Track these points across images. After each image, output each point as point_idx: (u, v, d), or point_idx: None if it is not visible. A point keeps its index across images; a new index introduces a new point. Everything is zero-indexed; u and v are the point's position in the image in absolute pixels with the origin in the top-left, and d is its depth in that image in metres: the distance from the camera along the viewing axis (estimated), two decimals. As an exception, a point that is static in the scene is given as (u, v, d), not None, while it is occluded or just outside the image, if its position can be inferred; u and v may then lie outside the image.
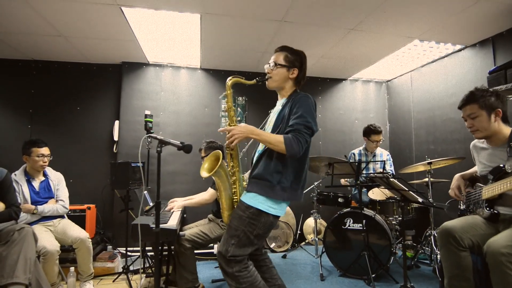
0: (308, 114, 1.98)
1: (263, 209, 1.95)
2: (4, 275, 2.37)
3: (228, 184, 2.10)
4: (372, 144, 4.28)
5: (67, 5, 3.15)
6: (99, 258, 3.79)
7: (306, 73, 2.24)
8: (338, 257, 3.60)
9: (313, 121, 1.99)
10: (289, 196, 2.01)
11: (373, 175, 3.54)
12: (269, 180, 1.97)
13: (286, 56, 2.17)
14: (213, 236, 3.12)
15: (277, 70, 2.15)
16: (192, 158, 4.60)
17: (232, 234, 1.97)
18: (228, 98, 2.16)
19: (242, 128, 1.97)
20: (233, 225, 1.99)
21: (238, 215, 1.99)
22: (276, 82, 2.17)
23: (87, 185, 4.58)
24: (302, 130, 1.93)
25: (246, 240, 1.97)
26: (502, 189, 2.06)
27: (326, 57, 4.58)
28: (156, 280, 2.34)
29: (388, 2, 3.07)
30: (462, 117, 2.36)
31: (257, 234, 1.98)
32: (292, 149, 1.89)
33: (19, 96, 4.59)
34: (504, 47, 3.63)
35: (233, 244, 1.95)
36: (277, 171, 1.98)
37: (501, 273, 1.81)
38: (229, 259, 1.93)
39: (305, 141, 1.93)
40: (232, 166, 2.12)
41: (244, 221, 1.95)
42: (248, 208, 1.96)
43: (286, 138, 1.90)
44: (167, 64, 4.95)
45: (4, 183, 2.72)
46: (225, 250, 1.95)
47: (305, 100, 2.04)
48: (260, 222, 1.96)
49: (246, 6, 3.18)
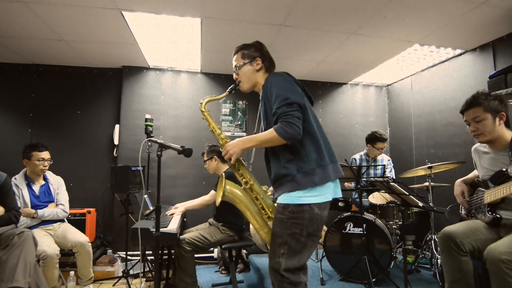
0: (282, 89, 1.81)
1: (301, 202, 1.73)
2: (4, 279, 2.36)
3: (248, 200, 1.93)
4: (376, 151, 4.25)
5: (68, 10, 3.16)
6: (99, 262, 3.78)
7: (271, 59, 2.12)
8: (339, 261, 3.59)
9: (291, 95, 1.78)
10: (321, 177, 1.76)
11: (373, 179, 3.53)
12: (286, 174, 1.78)
13: (243, 54, 2.09)
14: (213, 240, 3.12)
15: (241, 71, 2.08)
16: (192, 162, 4.60)
17: (279, 243, 1.74)
18: (208, 120, 2.14)
19: (235, 142, 1.87)
20: (276, 232, 1.77)
21: (279, 219, 1.78)
22: (247, 82, 2.09)
23: (87, 189, 4.57)
24: (286, 110, 1.72)
25: (297, 245, 1.72)
26: (504, 193, 2.06)
27: (326, 61, 4.58)
28: (156, 284, 2.33)
29: (388, 6, 3.08)
30: (465, 121, 2.34)
31: (307, 234, 1.74)
32: (288, 134, 1.70)
33: (19, 100, 4.59)
34: (504, 52, 3.64)
35: (283, 253, 1.71)
36: (289, 160, 1.79)
37: (501, 280, 1.80)
38: (282, 275, 1.67)
39: (295, 119, 1.71)
40: (245, 182, 1.95)
41: (287, 224, 1.73)
42: (285, 208, 1.75)
43: (277, 128, 1.72)
44: (168, 68, 4.96)
45: (4, 187, 2.72)
46: (276, 263, 1.70)
47: (274, 78, 1.90)
48: (305, 219, 1.72)
49: (246, 10, 3.20)
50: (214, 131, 2.11)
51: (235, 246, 3.22)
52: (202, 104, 2.13)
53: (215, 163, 3.42)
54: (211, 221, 3.41)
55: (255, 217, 1.91)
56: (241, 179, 1.97)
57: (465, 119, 2.34)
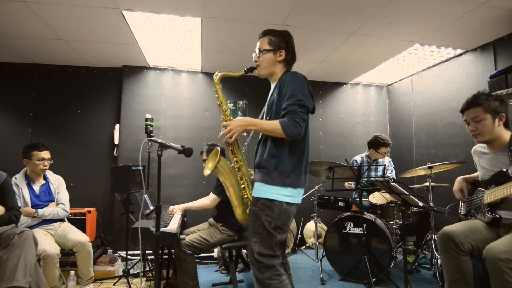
0: (299, 91, 1.90)
1: (271, 198, 1.88)
2: (4, 278, 2.36)
3: (233, 179, 2.07)
4: (379, 155, 4.21)
5: (68, 9, 3.16)
6: (100, 261, 3.79)
7: (295, 52, 2.17)
8: (339, 261, 3.60)
9: (305, 98, 1.90)
10: (292, 181, 1.91)
11: (374, 179, 3.53)
12: (265, 167, 1.92)
13: (270, 40, 2.11)
14: (213, 241, 3.11)
15: (263, 56, 2.11)
16: (192, 161, 4.60)
17: (252, 231, 1.93)
18: (218, 93, 2.17)
19: (239, 121, 1.94)
20: (250, 222, 1.96)
21: (252, 210, 1.95)
22: (265, 68, 2.12)
23: (87, 189, 4.57)
24: (297, 110, 1.84)
25: (267, 235, 1.89)
26: (504, 193, 2.06)
27: (326, 61, 4.58)
28: (156, 284, 2.33)
29: (389, 6, 3.08)
30: (465, 120, 2.34)
31: (275, 227, 1.89)
32: (290, 131, 1.81)
33: (20, 99, 4.60)
34: (505, 52, 3.63)
35: (256, 241, 1.89)
36: (272, 156, 1.92)
37: (501, 279, 1.81)
38: (258, 260, 1.86)
39: (302, 120, 1.84)
40: (235, 161, 2.08)
41: (258, 215, 1.90)
42: (258, 201, 1.92)
43: (282, 122, 1.83)
44: (168, 68, 4.96)
45: (4, 187, 2.73)
46: (251, 250, 1.91)
47: (293, 77, 1.96)
48: (274, 212, 1.89)
49: (247, 10, 3.20)
50: (221, 105, 2.15)
51: (235, 246, 3.22)
52: (217, 76, 2.17)
53: None
54: (210, 221, 3.41)
55: (236, 195, 2.08)
56: (232, 157, 2.09)
57: (464, 118, 2.34)
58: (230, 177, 2.07)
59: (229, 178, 2.06)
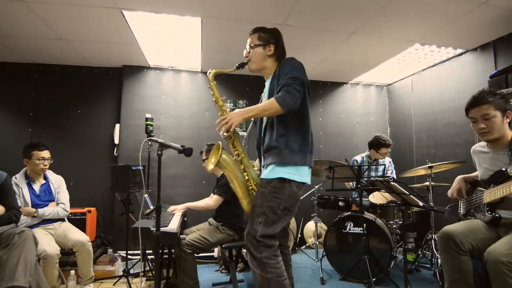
0: (294, 69, 1.98)
1: (283, 176, 1.92)
2: (4, 278, 2.36)
3: (237, 171, 2.09)
4: (380, 156, 4.20)
5: (68, 9, 3.16)
6: (100, 261, 3.78)
7: (284, 49, 2.24)
8: (339, 260, 3.59)
9: (300, 73, 1.97)
10: (301, 159, 1.97)
11: (374, 178, 3.53)
12: (276, 147, 1.97)
13: (259, 36, 2.19)
14: (213, 241, 3.11)
15: (253, 51, 2.18)
16: (192, 161, 4.60)
17: (258, 212, 1.92)
18: (212, 89, 2.26)
19: (237, 112, 1.96)
20: (257, 203, 1.95)
21: (261, 192, 1.97)
22: (255, 63, 2.20)
23: (87, 188, 4.57)
24: (291, 83, 1.91)
25: (274, 216, 1.92)
26: (504, 193, 2.05)
27: (327, 61, 4.58)
28: (156, 284, 2.33)
29: (389, 6, 3.07)
30: (471, 118, 2.26)
31: (283, 208, 1.93)
32: (285, 103, 1.85)
33: (20, 99, 4.60)
34: (505, 51, 3.63)
35: (261, 222, 1.90)
36: (280, 135, 1.98)
37: (502, 281, 1.79)
38: (258, 240, 1.87)
39: (296, 90, 1.89)
40: (237, 154, 2.12)
41: (268, 197, 1.92)
42: (268, 183, 1.94)
43: (277, 96, 1.88)
44: (168, 67, 4.96)
45: (4, 187, 2.72)
46: (253, 230, 1.90)
47: (289, 60, 2.07)
48: (284, 194, 1.93)
49: (247, 9, 3.20)
50: (217, 101, 2.20)
51: (235, 246, 3.22)
52: (211, 74, 2.27)
53: None
54: (210, 221, 3.41)
55: (241, 187, 2.09)
56: (233, 150, 2.12)
57: (471, 116, 2.26)
58: (233, 170, 2.08)
59: (233, 171, 2.08)
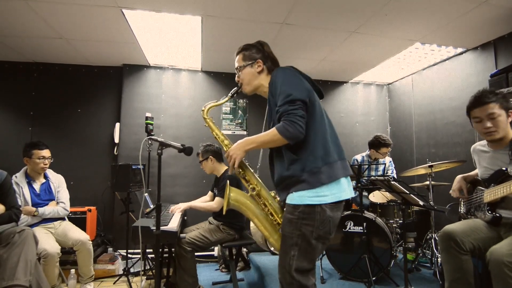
0: (285, 85, 1.72)
1: (312, 203, 1.63)
2: (4, 277, 2.37)
3: (255, 207, 1.86)
4: (380, 155, 4.21)
5: (68, 7, 3.16)
6: (100, 260, 3.79)
7: (274, 58, 2.02)
8: (339, 260, 3.59)
9: (294, 90, 1.69)
10: (329, 175, 1.66)
11: (374, 178, 3.53)
12: (290, 176, 1.70)
13: (243, 56, 2.01)
14: (213, 239, 3.12)
15: (242, 73, 1.99)
16: (193, 160, 4.59)
17: (290, 244, 1.66)
18: (210, 127, 2.08)
19: (236, 145, 1.79)
20: (286, 233, 1.69)
21: (288, 219, 1.68)
22: (248, 85, 1.99)
23: (87, 187, 4.58)
24: (289, 109, 1.64)
25: (308, 247, 1.65)
26: (504, 192, 2.05)
27: (327, 60, 4.58)
28: (156, 282, 2.34)
29: (390, 5, 3.07)
30: (475, 117, 2.23)
31: (318, 236, 1.65)
32: (289, 133, 1.62)
33: (20, 98, 4.60)
34: (506, 51, 3.63)
35: (294, 255, 1.64)
36: (293, 161, 1.69)
37: (504, 282, 1.80)
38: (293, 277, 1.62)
39: (298, 117, 1.63)
40: (252, 188, 1.88)
41: (297, 224, 1.65)
42: (296, 208, 1.66)
43: (279, 127, 1.65)
44: (168, 66, 4.95)
45: (4, 186, 2.72)
46: (287, 265, 1.64)
47: (276, 74, 1.81)
48: (316, 220, 1.64)
49: (247, 8, 3.19)
50: (218, 137, 2.05)
51: (236, 245, 3.22)
52: (204, 111, 2.07)
53: (211, 163, 3.40)
54: (211, 220, 3.41)
55: (264, 224, 1.84)
56: (247, 185, 1.89)
57: (475, 115, 2.22)
58: (250, 207, 1.85)
59: (250, 208, 1.85)
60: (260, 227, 1.84)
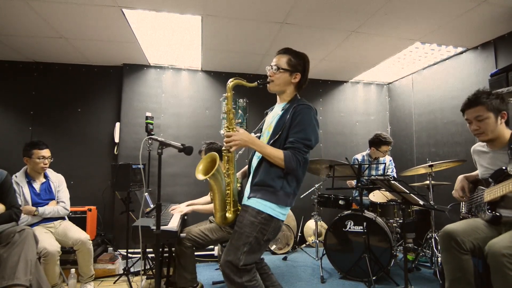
0: (309, 128, 1.97)
1: (274, 215, 1.93)
2: (5, 276, 2.36)
3: (223, 186, 2.05)
4: (380, 154, 4.22)
5: (68, 7, 3.16)
6: (100, 259, 3.79)
7: (308, 77, 2.17)
8: (339, 259, 3.60)
9: (313, 136, 1.98)
10: (291, 201, 2.00)
11: (374, 177, 3.53)
12: (272, 186, 1.95)
13: (289, 60, 2.09)
14: (213, 238, 3.12)
15: (279, 75, 2.08)
16: (193, 160, 4.57)
17: (244, 242, 1.90)
18: (228, 100, 2.12)
19: (244, 136, 1.95)
20: (245, 232, 1.92)
21: (250, 221, 1.93)
22: (278, 86, 2.11)
23: (88, 187, 4.58)
24: (302, 148, 1.93)
25: (257, 246, 1.93)
26: (504, 191, 2.06)
27: (327, 59, 4.58)
28: (156, 282, 2.34)
29: (390, 4, 3.07)
30: (466, 119, 2.31)
31: (267, 239, 1.96)
32: (290, 165, 1.91)
33: (20, 98, 4.60)
34: (506, 50, 3.63)
35: (245, 251, 1.89)
36: (278, 177, 1.96)
37: (502, 274, 1.81)
38: (240, 269, 1.87)
39: (303, 158, 1.95)
40: (227, 168, 2.07)
41: (257, 227, 1.91)
42: (259, 214, 1.92)
43: (286, 155, 1.91)
44: (168, 66, 4.95)
45: (4, 185, 2.72)
46: (236, 259, 1.87)
47: (307, 113, 1.99)
48: (271, 227, 1.95)
49: (247, 8, 3.19)
50: (229, 113, 2.12)
51: (236, 244, 3.21)
52: (231, 83, 2.10)
53: None
54: (211, 219, 3.41)
55: (220, 200, 2.06)
56: (226, 165, 2.07)
57: (466, 117, 2.31)
58: (220, 184, 2.04)
59: (219, 185, 2.04)
60: (216, 201, 2.07)
